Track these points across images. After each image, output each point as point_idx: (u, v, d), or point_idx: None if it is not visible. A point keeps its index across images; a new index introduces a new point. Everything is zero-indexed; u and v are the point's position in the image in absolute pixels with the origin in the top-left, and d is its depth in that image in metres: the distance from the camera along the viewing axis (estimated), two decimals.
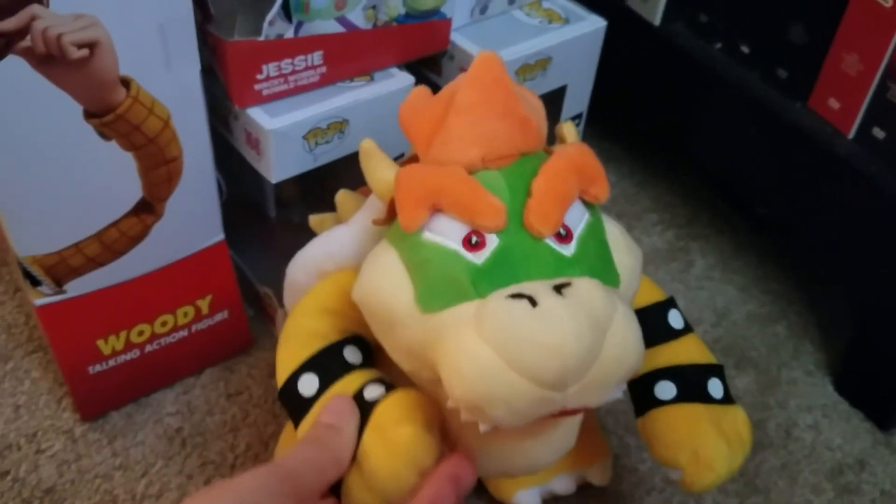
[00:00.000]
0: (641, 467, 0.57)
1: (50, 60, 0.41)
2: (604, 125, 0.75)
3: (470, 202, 0.36)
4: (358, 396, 0.39)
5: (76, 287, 0.51)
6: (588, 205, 0.38)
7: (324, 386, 0.40)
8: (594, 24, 0.60)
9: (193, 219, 0.53)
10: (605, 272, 0.37)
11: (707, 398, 0.43)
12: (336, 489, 0.38)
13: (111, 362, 0.55)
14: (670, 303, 0.47)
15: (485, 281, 0.35)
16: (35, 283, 0.49)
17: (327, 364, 0.41)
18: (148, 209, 0.50)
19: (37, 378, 0.59)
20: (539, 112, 0.40)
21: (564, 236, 0.36)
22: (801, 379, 0.64)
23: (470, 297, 0.34)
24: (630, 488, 0.56)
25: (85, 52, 0.42)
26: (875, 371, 0.61)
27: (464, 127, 0.38)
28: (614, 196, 0.76)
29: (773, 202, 0.66)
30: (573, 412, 0.34)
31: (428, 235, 0.36)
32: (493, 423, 0.33)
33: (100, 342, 0.54)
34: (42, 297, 0.50)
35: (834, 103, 0.58)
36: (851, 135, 0.57)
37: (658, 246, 0.73)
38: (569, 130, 0.42)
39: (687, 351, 0.45)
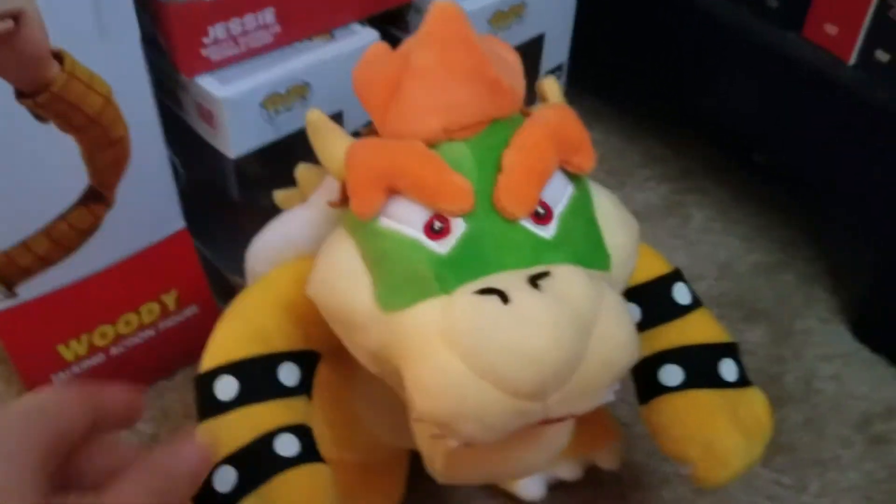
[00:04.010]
0: None
1: None
2: (586, 77, 0.71)
3: (430, 182, 0.31)
4: (266, 442, 0.34)
5: (29, 290, 0.47)
6: (572, 176, 0.33)
7: (242, 398, 0.35)
8: None
9: (149, 206, 0.48)
10: (592, 255, 0.32)
11: (719, 382, 0.39)
12: None
13: (75, 369, 0.51)
14: (676, 275, 0.42)
15: (451, 274, 0.30)
16: None
17: (255, 376, 0.36)
18: (97, 198, 0.46)
19: (0, 392, 0.55)
20: (514, 69, 0.35)
21: (543, 216, 0.31)
22: (817, 327, 0.60)
23: (434, 293, 0.30)
24: (644, 457, 0.52)
25: (9, 23, 0.38)
26: None
27: (421, 94, 0.33)
28: (602, 153, 0.71)
29: (773, 144, 0.62)
30: (557, 421, 0.30)
31: (385, 222, 0.32)
32: (464, 439, 0.29)
33: (61, 348, 0.50)
34: None
35: (831, 29, 0.54)
36: (852, 61, 0.54)
37: (653, 202, 0.69)
38: (551, 88, 0.37)
39: (695, 329, 0.41)
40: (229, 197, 0.53)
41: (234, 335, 0.37)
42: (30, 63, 0.39)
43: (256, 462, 0.34)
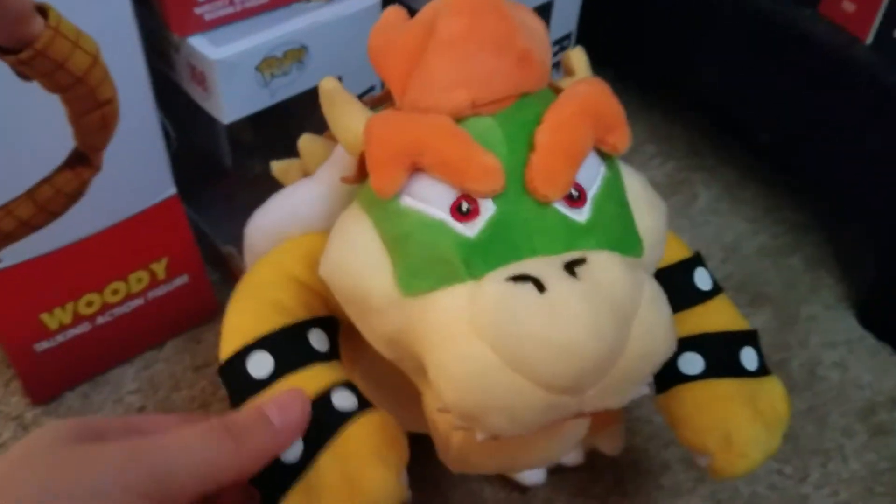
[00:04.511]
0: (656, 419, 0.52)
1: None
2: (591, 48, 0.69)
3: (458, 160, 0.29)
4: (323, 400, 0.32)
5: (12, 255, 0.45)
6: (604, 156, 0.32)
7: (279, 371, 0.33)
8: None
9: (138, 171, 0.46)
10: (624, 239, 0.31)
11: (740, 371, 0.38)
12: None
13: (59, 338, 0.49)
14: (696, 260, 0.40)
15: (479, 258, 0.28)
16: None
17: (287, 346, 0.34)
18: (84, 161, 0.44)
19: None
20: (541, 38, 0.33)
21: (576, 199, 0.30)
22: (822, 314, 0.59)
23: (461, 278, 0.28)
24: (644, 442, 0.51)
25: None
26: None
27: (448, 64, 0.31)
28: None
29: (781, 124, 0.60)
30: (589, 415, 0.28)
31: (408, 202, 0.30)
32: (491, 432, 0.28)
33: (44, 316, 0.48)
34: None
35: (848, 6, 0.52)
36: (869, 40, 0.52)
37: (658, 180, 0.67)
38: (578, 60, 0.35)
39: (715, 316, 0.39)
40: (222, 164, 0.51)
41: (253, 313, 0.35)
42: (11, 17, 0.37)
43: (319, 422, 0.32)
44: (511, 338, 0.26)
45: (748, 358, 0.38)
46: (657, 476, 0.49)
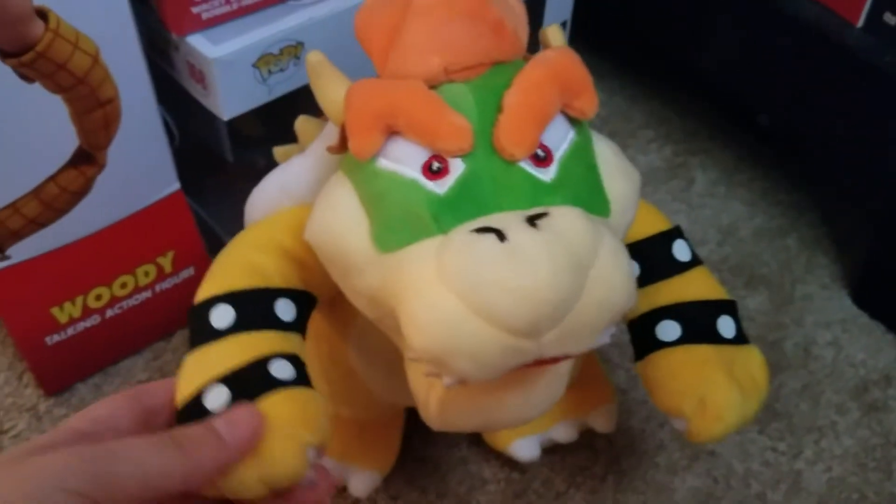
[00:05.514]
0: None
1: None
2: (589, 35, 0.69)
3: (429, 122, 0.31)
4: (261, 363, 0.33)
5: (21, 251, 0.46)
6: (574, 121, 0.33)
7: (237, 327, 0.34)
8: None
9: (142, 167, 0.48)
10: (591, 200, 0.32)
11: (716, 338, 0.39)
12: None
13: (69, 331, 0.51)
14: (676, 232, 0.42)
15: (448, 214, 0.30)
16: None
17: (251, 306, 0.35)
18: (87, 159, 0.45)
19: None
20: (517, 13, 0.35)
21: (543, 159, 0.31)
22: (817, 293, 0.60)
23: (431, 232, 0.30)
24: (640, 423, 0.52)
25: None
26: None
27: (422, 32, 0.32)
28: (605, 114, 0.70)
29: (776, 107, 0.61)
30: (551, 362, 0.30)
31: (383, 163, 0.32)
32: (458, 376, 0.29)
33: (54, 310, 0.49)
34: None
35: None
36: (860, 23, 0.52)
37: (656, 164, 0.68)
38: (554, 35, 0.36)
39: (694, 286, 0.40)
40: (224, 158, 0.52)
41: (231, 269, 0.37)
42: (12, 21, 0.38)
43: (250, 382, 0.33)
44: (472, 284, 0.28)
45: (725, 326, 0.39)
46: (653, 455, 0.51)
